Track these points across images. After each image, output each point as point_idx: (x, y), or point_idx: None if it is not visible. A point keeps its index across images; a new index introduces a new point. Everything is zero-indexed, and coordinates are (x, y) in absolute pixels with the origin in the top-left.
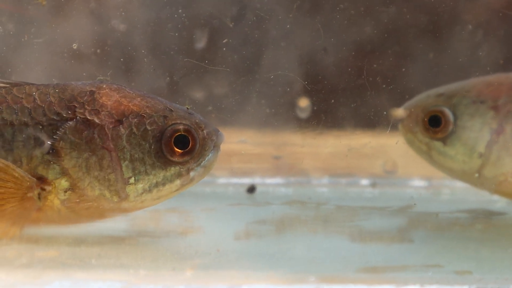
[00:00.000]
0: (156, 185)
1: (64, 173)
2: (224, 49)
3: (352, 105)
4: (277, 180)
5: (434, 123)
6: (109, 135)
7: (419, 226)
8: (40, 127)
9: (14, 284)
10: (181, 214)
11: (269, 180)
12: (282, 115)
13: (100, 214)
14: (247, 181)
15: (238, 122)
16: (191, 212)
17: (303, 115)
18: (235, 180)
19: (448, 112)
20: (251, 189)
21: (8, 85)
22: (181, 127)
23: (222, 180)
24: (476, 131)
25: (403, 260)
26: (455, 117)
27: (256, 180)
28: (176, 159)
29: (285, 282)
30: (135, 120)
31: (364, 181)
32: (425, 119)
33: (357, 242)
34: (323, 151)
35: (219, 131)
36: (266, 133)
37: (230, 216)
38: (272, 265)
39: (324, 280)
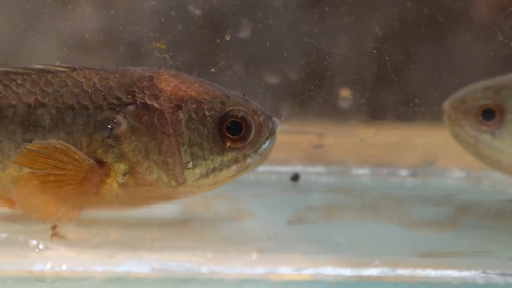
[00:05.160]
0: (213, 170)
1: (123, 156)
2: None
3: (393, 97)
4: (319, 169)
5: (487, 117)
6: (169, 120)
7: (465, 215)
8: (100, 111)
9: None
10: (230, 199)
11: (311, 169)
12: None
13: (157, 198)
14: (289, 169)
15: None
16: (239, 198)
17: (345, 105)
18: (277, 168)
19: (502, 106)
20: (295, 177)
21: (67, 69)
22: (238, 113)
23: (264, 168)
24: None
25: (458, 246)
26: (505, 110)
27: (297, 168)
28: (231, 145)
29: (351, 266)
30: (194, 105)
31: (404, 172)
32: (478, 113)
33: (408, 229)
34: (364, 141)
35: (274, 117)
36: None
37: (278, 203)
38: (333, 250)
39: (388, 264)
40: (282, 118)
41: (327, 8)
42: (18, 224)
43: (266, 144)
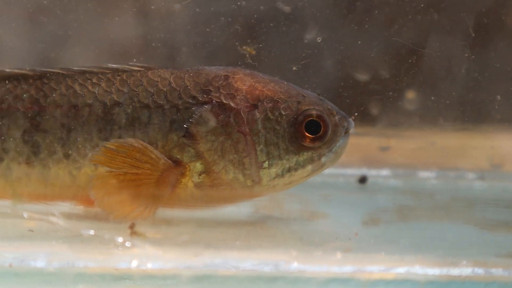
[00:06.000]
0: (289, 170)
1: (199, 156)
2: None
3: (461, 99)
4: (386, 171)
5: None
6: (245, 119)
7: None
8: (176, 110)
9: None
10: (300, 200)
11: (377, 172)
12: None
13: (232, 197)
14: (355, 172)
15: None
16: (309, 198)
17: (412, 106)
18: (343, 170)
19: None
20: (363, 180)
21: (142, 69)
22: (314, 112)
23: (330, 170)
24: None
25: None
26: None
27: (363, 171)
28: (309, 144)
29: (439, 265)
30: (270, 104)
31: (471, 175)
32: None
33: (486, 230)
34: (432, 143)
35: (348, 117)
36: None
37: (348, 204)
38: (416, 250)
39: (476, 264)
40: (356, 114)
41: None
42: (103, 222)
43: (340, 142)
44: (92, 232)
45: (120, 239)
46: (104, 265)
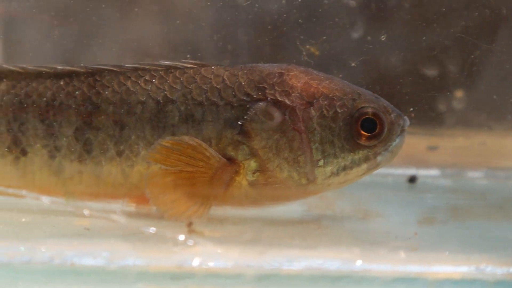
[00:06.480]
0: (344, 168)
1: (253, 154)
2: None
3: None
4: (434, 171)
5: None
6: (300, 116)
7: None
8: (230, 107)
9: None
10: (351, 199)
11: (425, 171)
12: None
13: (286, 196)
14: (403, 171)
15: None
16: (361, 197)
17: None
18: (391, 170)
19: None
20: (413, 179)
21: (195, 66)
22: (370, 110)
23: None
24: None
25: None
26: None
27: (411, 171)
28: (364, 142)
29: (507, 265)
30: (326, 102)
31: None
32: None
33: None
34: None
35: (404, 115)
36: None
37: (400, 203)
38: (480, 249)
39: None
40: (412, 109)
41: None
42: (160, 220)
43: (396, 141)
44: (153, 230)
45: (181, 237)
46: (165, 263)
